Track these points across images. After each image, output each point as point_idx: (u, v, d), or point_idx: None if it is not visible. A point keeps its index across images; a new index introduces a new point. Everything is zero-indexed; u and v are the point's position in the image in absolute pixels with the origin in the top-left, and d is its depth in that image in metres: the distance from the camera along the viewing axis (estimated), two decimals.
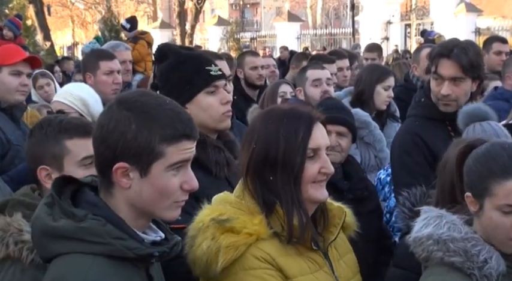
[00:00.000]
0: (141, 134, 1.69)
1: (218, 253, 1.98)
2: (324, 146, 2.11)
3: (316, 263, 2.10)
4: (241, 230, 2.01)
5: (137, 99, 1.74)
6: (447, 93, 3.24)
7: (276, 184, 2.06)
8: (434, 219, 2.08)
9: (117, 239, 1.67)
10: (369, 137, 4.44)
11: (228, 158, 2.65)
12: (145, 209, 1.76)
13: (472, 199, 2.06)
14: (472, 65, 3.21)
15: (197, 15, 30.18)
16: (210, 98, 2.69)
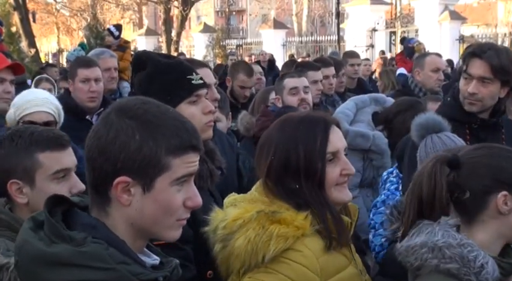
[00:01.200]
0: (146, 144, 1.55)
1: (269, 241, 2.01)
2: (342, 148, 2.19)
3: (347, 258, 2.19)
4: (292, 222, 2.05)
5: (139, 106, 1.60)
6: (473, 92, 3.28)
7: (303, 192, 2.12)
8: (426, 227, 2.07)
9: (121, 264, 1.51)
10: (378, 163, 4.48)
11: (211, 170, 2.61)
12: (146, 228, 1.62)
13: (507, 197, 2.05)
14: (502, 68, 3.24)
15: (183, 22, 30.14)
16: (192, 108, 2.62)
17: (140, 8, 44.66)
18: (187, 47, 33.91)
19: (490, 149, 2.17)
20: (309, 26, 41.07)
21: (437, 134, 2.87)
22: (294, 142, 2.12)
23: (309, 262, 2.05)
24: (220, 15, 54.29)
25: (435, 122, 2.93)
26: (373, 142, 4.43)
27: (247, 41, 32.55)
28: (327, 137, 2.13)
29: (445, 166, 2.09)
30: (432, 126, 2.90)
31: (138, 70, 2.72)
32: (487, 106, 3.30)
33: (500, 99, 3.33)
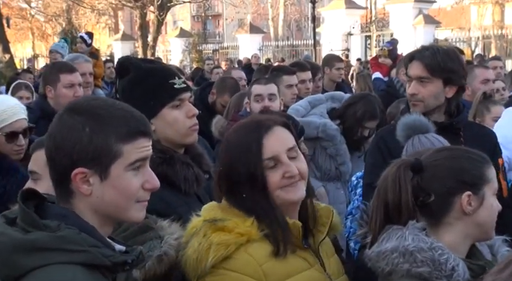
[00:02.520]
0: (96, 136, 1.66)
1: (209, 250, 2.01)
2: (283, 151, 2.12)
3: (308, 262, 2.14)
4: (233, 230, 2.04)
5: (87, 103, 1.73)
6: (413, 93, 3.29)
7: (249, 199, 2.10)
8: (395, 231, 2.07)
9: (93, 247, 1.63)
10: (332, 150, 4.47)
11: (197, 174, 2.60)
12: (109, 213, 1.74)
13: (470, 197, 2.07)
14: (438, 66, 3.24)
15: (159, 27, 30.07)
16: (175, 112, 2.61)
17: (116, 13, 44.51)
18: (164, 52, 33.86)
19: (451, 151, 2.20)
20: (285, 30, 41.26)
21: (424, 134, 2.88)
22: (236, 152, 2.12)
23: (250, 269, 2.03)
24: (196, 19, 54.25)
25: (422, 123, 2.95)
26: (320, 129, 4.42)
27: (223, 45, 32.64)
28: (261, 144, 2.10)
29: (408, 170, 2.10)
30: (419, 127, 2.92)
31: (121, 76, 2.72)
32: (431, 106, 3.29)
33: (450, 100, 3.31)
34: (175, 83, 2.63)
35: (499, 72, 7.49)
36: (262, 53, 28.40)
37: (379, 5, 28.10)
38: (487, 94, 4.91)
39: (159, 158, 2.45)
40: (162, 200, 2.33)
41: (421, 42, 21.42)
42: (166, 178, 2.44)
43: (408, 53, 3.53)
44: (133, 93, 2.62)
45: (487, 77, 5.36)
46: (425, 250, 2.00)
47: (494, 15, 30.81)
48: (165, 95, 2.61)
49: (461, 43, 24.31)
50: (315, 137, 4.42)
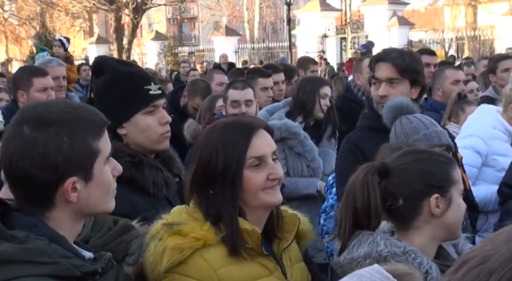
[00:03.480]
0: (75, 141, 1.64)
1: (163, 254, 1.99)
2: (269, 152, 2.13)
3: (267, 268, 2.12)
4: (189, 234, 2.03)
5: (50, 111, 1.67)
6: (383, 94, 3.31)
7: (216, 197, 2.08)
8: (366, 237, 2.07)
9: (64, 258, 1.60)
10: (299, 148, 4.51)
11: (166, 178, 2.58)
12: (90, 212, 1.75)
13: (438, 200, 2.09)
14: (407, 67, 3.29)
15: (134, 30, 29.91)
16: (148, 119, 2.60)
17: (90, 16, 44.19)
18: (139, 55, 33.73)
19: (417, 154, 2.20)
20: (260, 32, 41.27)
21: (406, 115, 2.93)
22: (215, 147, 2.09)
23: (204, 274, 2.02)
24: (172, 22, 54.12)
25: (408, 104, 2.99)
26: (282, 129, 4.47)
27: (199, 48, 32.62)
28: (249, 142, 2.09)
29: (375, 175, 2.10)
30: (406, 108, 2.96)
31: (96, 76, 2.70)
32: None
33: (414, 101, 3.34)
34: (151, 89, 2.61)
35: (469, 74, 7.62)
36: (238, 55, 28.43)
37: (354, 7, 28.30)
38: (461, 95, 4.99)
39: (128, 162, 2.45)
40: (129, 203, 2.33)
41: (396, 43, 21.60)
42: (135, 182, 2.45)
43: (373, 56, 3.54)
44: (108, 95, 2.61)
45: (457, 77, 5.43)
46: (399, 254, 2.01)
47: (467, 17, 31.14)
48: (139, 100, 2.59)
49: (435, 44, 24.58)
50: (280, 138, 4.47)
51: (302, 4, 37.62)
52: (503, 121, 4.00)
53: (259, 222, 2.15)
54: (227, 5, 41.29)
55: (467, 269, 0.70)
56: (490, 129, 4.03)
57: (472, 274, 0.69)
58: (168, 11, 52.14)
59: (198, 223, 2.07)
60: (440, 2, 35.26)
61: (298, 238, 2.26)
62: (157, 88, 2.64)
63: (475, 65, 9.11)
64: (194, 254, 2.02)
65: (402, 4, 25.78)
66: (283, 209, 2.26)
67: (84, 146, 1.65)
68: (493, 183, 3.89)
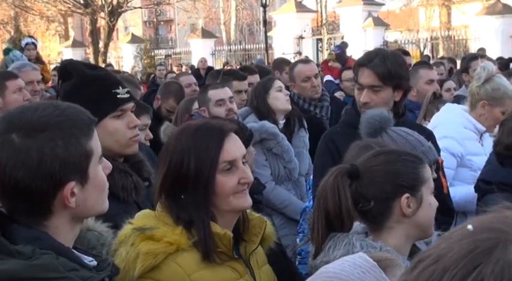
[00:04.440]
0: (70, 144, 1.58)
1: (137, 259, 1.98)
2: (240, 156, 2.13)
3: (237, 272, 2.13)
4: (162, 239, 2.02)
5: (39, 115, 1.59)
6: (365, 101, 3.32)
7: (187, 202, 2.08)
8: (341, 239, 2.07)
9: (72, 271, 1.54)
10: (277, 148, 4.56)
11: (135, 182, 2.57)
12: (86, 215, 1.71)
13: (409, 199, 2.11)
14: (390, 74, 3.28)
15: (110, 33, 29.76)
16: (116, 123, 2.59)
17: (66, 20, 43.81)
18: (116, 58, 33.57)
19: (387, 154, 2.20)
20: (237, 34, 41.28)
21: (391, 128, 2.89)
22: (187, 151, 2.07)
23: (178, 279, 2.00)
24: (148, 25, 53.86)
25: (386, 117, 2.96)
26: (261, 130, 4.51)
27: (176, 50, 32.50)
28: (221, 146, 2.08)
29: (346, 177, 2.11)
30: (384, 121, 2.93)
31: (63, 80, 2.68)
32: None
33: (396, 103, 3.38)
34: (119, 93, 2.60)
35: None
36: (215, 57, 28.40)
37: (330, 9, 28.41)
38: (436, 94, 5.04)
39: None
40: None
41: (371, 44, 21.74)
42: None
43: (357, 60, 3.51)
44: (75, 99, 2.52)
45: (431, 77, 5.49)
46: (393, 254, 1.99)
47: (442, 17, 31.44)
48: (107, 104, 2.58)
49: (411, 44, 24.76)
50: (260, 140, 4.50)
51: (278, 6, 37.69)
52: (472, 120, 4.04)
53: (229, 226, 2.15)
54: (203, 7, 41.23)
55: (422, 268, 0.72)
56: (462, 130, 4.07)
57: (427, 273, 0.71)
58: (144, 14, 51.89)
59: (169, 228, 2.06)
60: (415, 2, 35.55)
61: (262, 241, 2.26)
62: (126, 92, 2.63)
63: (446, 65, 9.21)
64: (167, 259, 2.02)
65: (377, 5, 25.94)
66: (249, 212, 2.27)
67: (78, 149, 1.59)
68: (470, 183, 3.93)
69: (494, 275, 0.67)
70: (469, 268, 0.68)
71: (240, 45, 31.81)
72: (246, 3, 43.56)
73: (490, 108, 3.97)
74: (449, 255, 0.71)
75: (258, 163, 4.50)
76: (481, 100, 4.01)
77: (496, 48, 19.59)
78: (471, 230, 0.73)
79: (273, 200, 4.47)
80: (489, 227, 0.72)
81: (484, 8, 24.11)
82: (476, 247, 0.69)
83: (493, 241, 0.70)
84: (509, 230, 0.71)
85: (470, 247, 0.70)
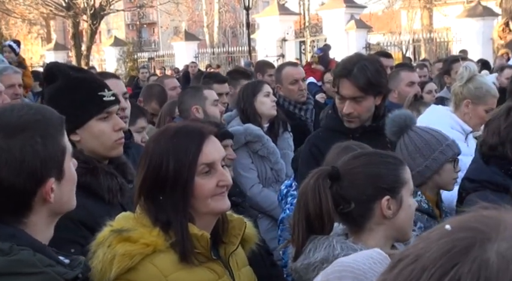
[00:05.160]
0: (48, 141, 1.67)
1: (113, 260, 1.99)
2: (219, 159, 2.14)
3: (215, 273, 2.14)
4: (138, 240, 2.03)
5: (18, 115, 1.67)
6: (349, 112, 3.33)
7: (166, 203, 2.08)
8: (322, 241, 2.08)
9: (48, 267, 1.61)
10: (263, 150, 4.56)
11: (121, 184, 2.58)
12: (62, 210, 1.77)
13: (389, 201, 2.12)
14: (371, 84, 3.28)
15: (93, 36, 29.61)
16: (102, 125, 2.60)
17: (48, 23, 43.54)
18: (99, 61, 33.37)
19: (367, 156, 2.22)
20: (220, 37, 41.27)
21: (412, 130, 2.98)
22: (166, 153, 2.09)
23: (154, 280, 2.02)
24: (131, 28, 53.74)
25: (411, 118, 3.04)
26: (246, 133, 4.54)
27: (159, 53, 32.39)
28: (200, 148, 2.10)
29: (327, 179, 2.12)
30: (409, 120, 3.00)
31: (48, 83, 2.69)
32: (365, 120, 3.36)
33: (378, 106, 3.40)
34: (104, 95, 2.61)
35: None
36: (199, 60, 28.34)
37: (312, 11, 28.46)
38: (417, 96, 5.08)
39: (82, 169, 2.43)
40: (85, 210, 2.33)
41: (354, 46, 21.85)
42: (89, 188, 2.45)
43: (336, 71, 3.48)
44: (60, 102, 2.57)
45: (412, 79, 5.53)
46: None
47: (423, 20, 31.63)
48: (93, 106, 2.60)
49: (393, 47, 24.88)
50: (245, 143, 4.50)
51: (261, 8, 37.73)
52: (458, 120, 4.08)
53: (208, 228, 2.16)
54: (186, 10, 41.16)
55: (401, 268, 0.73)
56: (449, 130, 4.09)
57: (405, 272, 0.72)
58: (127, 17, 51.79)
59: (146, 229, 2.07)
60: (397, 5, 35.75)
61: (243, 242, 2.28)
62: (111, 94, 2.65)
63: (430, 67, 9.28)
64: (144, 260, 2.03)
65: (359, 7, 26.05)
66: (229, 214, 2.27)
67: (55, 146, 1.69)
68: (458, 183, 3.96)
69: (472, 274, 0.68)
70: (447, 267, 0.69)
71: (223, 48, 31.78)
72: (229, 6, 43.62)
73: (473, 107, 4.00)
74: (428, 254, 0.72)
75: (245, 166, 4.51)
76: (464, 99, 4.04)
77: (477, 50, 19.73)
78: (449, 229, 0.74)
79: (260, 203, 4.47)
80: (466, 226, 0.73)
81: (465, 11, 24.29)
82: (454, 247, 0.70)
83: (470, 240, 0.71)
84: (486, 229, 0.72)
85: (448, 247, 0.71)
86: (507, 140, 2.66)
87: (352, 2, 25.10)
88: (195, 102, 4.65)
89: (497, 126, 2.71)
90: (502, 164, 2.68)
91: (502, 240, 0.70)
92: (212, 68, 20.91)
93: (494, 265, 0.67)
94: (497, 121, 2.72)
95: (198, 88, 4.93)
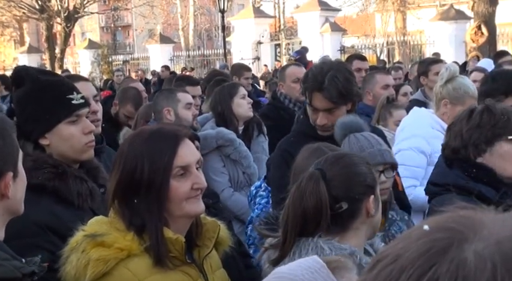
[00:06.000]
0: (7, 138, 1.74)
1: (87, 265, 1.97)
2: (194, 162, 2.14)
3: (190, 276, 2.14)
4: (112, 245, 2.02)
5: None
6: (323, 123, 3.36)
7: (140, 207, 2.07)
8: (308, 243, 2.09)
9: (5, 261, 1.64)
10: (235, 154, 4.56)
11: (91, 188, 2.55)
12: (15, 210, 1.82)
13: (373, 199, 2.15)
14: (342, 95, 3.31)
15: (66, 39, 29.40)
16: (71, 128, 2.58)
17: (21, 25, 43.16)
18: (73, 64, 33.12)
19: (348, 157, 2.24)
20: (196, 40, 41.19)
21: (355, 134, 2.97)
22: (140, 156, 2.08)
23: None
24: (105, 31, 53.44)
25: (358, 123, 3.04)
26: (218, 137, 4.53)
27: (134, 56, 32.23)
28: (175, 151, 2.09)
29: (322, 181, 2.11)
30: (352, 127, 3.00)
31: (17, 86, 2.66)
32: None
33: (349, 111, 3.42)
34: (73, 99, 2.59)
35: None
36: (174, 63, 28.28)
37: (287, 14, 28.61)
38: (389, 99, 5.13)
39: (50, 173, 2.43)
40: (53, 215, 2.31)
41: (329, 49, 21.97)
42: (58, 193, 2.42)
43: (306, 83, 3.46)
44: (29, 106, 2.57)
45: (387, 82, 5.57)
46: (347, 256, 1.98)
47: (397, 23, 31.91)
48: (61, 110, 2.57)
49: (367, 50, 25.07)
50: (217, 147, 4.50)
51: (236, 11, 37.78)
52: (439, 120, 4.12)
53: (182, 231, 2.16)
54: (161, 12, 41.07)
55: (380, 268, 0.74)
56: (429, 129, 4.14)
57: (385, 272, 0.73)
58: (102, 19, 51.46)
59: (120, 233, 2.06)
60: (371, 8, 36.03)
61: (216, 245, 2.27)
62: (81, 97, 2.62)
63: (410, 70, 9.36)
64: (118, 265, 2.01)
65: (334, 11, 26.21)
66: (202, 217, 2.27)
67: (13, 143, 1.76)
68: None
69: (450, 274, 0.68)
70: (425, 268, 0.70)
71: (198, 50, 31.75)
72: (204, 8, 43.58)
73: (451, 107, 4.04)
74: (406, 255, 0.72)
75: (216, 170, 4.50)
76: (443, 99, 4.10)
77: (450, 53, 19.97)
78: (427, 230, 0.74)
79: (231, 207, 4.46)
80: (444, 227, 0.74)
81: (438, 14, 24.55)
82: (432, 247, 0.71)
83: (448, 240, 0.71)
84: (463, 229, 0.73)
85: (426, 247, 0.71)
86: (469, 143, 2.67)
87: (327, 5, 25.26)
88: (168, 104, 4.62)
89: (460, 129, 2.71)
90: (465, 167, 2.69)
91: (479, 240, 0.71)
92: (188, 70, 20.87)
93: (471, 264, 0.68)
94: (459, 124, 2.73)
95: (172, 90, 4.90)
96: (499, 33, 21.31)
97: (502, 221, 0.74)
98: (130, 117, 5.78)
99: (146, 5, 34.59)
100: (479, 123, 2.66)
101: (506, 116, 2.65)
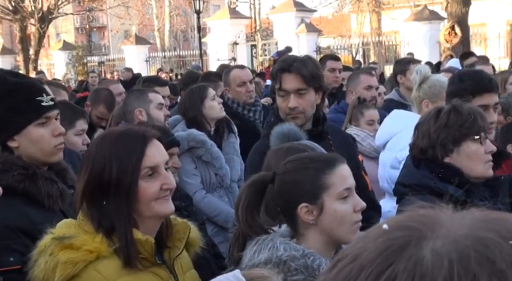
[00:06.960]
0: None
1: (56, 268, 1.97)
2: (162, 162, 2.15)
3: (160, 277, 2.14)
4: (81, 247, 2.01)
5: None
6: (294, 106, 3.32)
7: (109, 208, 2.07)
8: (266, 243, 2.10)
9: None
10: (207, 156, 4.54)
11: (61, 190, 2.55)
12: None
13: (309, 208, 2.12)
14: (312, 76, 3.30)
15: (41, 40, 29.10)
16: (41, 130, 2.56)
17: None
18: (47, 66, 32.84)
19: (292, 163, 2.22)
20: (171, 41, 41.06)
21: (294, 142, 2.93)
22: (109, 157, 2.08)
23: None
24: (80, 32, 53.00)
25: (295, 132, 3.04)
26: (189, 138, 4.51)
27: (109, 57, 32.02)
28: (144, 151, 2.09)
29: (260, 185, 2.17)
30: (293, 135, 3.00)
31: None
32: (309, 116, 3.37)
33: (317, 106, 3.42)
34: (43, 101, 2.57)
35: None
36: (149, 64, 28.17)
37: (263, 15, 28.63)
38: (360, 99, 5.16)
39: (20, 175, 2.41)
40: (24, 217, 2.30)
41: (305, 49, 22.00)
42: (28, 195, 2.41)
43: (275, 67, 3.50)
44: None
45: (370, 83, 5.61)
46: (298, 257, 2.05)
47: (372, 23, 32.12)
48: (31, 112, 2.55)
49: (343, 50, 25.19)
50: (188, 148, 4.49)
51: (212, 12, 37.74)
52: None
53: (152, 232, 2.16)
54: (136, 13, 40.85)
55: (340, 267, 0.74)
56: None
57: (344, 272, 0.73)
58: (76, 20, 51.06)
59: (89, 235, 2.06)
60: (346, 9, 36.21)
61: (187, 246, 2.28)
62: (50, 99, 2.61)
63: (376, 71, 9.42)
64: (87, 267, 2.01)
65: (309, 11, 26.29)
66: (172, 218, 2.28)
67: None
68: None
69: (408, 272, 0.69)
70: (383, 266, 0.70)
71: (174, 51, 31.65)
72: (180, 9, 43.42)
73: (433, 105, 4.06)
74: (365, 254, 0.73)
75: (188, 172, 4.49)
76: (423, 100, 4.14)
77: (424, 53, 20.12)
78: (386, 229, 0.75)
79: (203, 209, 4.45)
80: (403, 225, 0.75)
81: (412, 14, 24.73)
82: (391, 245, 0.72)
83: (406, 238, 0.72)
84: (422, 227, 0.73)
85: (384, 246, 0.72)
86: (437, 143, 2.69)
87: (303, 6, 25.33)
88: (139, 105, 4.59)
89: (427, 129, 2.72)
90: (432, 167, 2.71)
91: (436, 238, 0.71)
92: (164, 72, 20.77)
93: (429, 262, 0.69)
94: (427, 124, 2.74)
95: (143, 91, 4.88)
96: (472, 33, 21.58)
97: (460, 219, 0.75)
98: (103, 118, 5.75)
99: (121, 5, 34.39)
100: (447, 123, 2.68)
101: (473, 116, 2.68)
